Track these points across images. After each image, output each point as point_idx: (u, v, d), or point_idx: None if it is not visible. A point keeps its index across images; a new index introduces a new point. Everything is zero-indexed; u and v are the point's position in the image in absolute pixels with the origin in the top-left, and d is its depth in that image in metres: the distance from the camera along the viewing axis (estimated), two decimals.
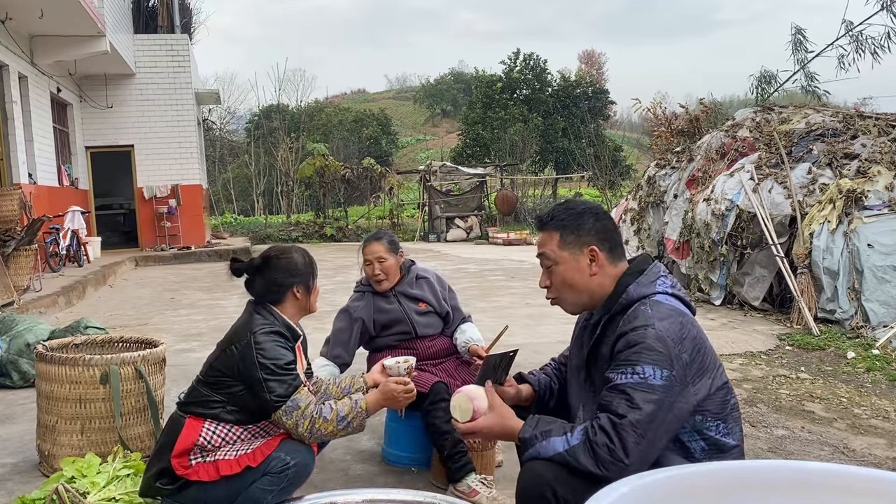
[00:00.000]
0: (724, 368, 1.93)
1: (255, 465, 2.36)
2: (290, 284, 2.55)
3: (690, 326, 1.85)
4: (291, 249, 2.64)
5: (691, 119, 11.40)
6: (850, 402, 4.42)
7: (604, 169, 23.28)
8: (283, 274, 2.55)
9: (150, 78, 15.61)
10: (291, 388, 2.38)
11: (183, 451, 2.40)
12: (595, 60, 62.82)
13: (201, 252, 15.25)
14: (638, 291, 1.91)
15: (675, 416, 1.77)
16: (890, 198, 6.42)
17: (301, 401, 2.38)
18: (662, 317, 1.83)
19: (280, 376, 2.38)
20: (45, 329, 5.03)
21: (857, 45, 11.44)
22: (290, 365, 2.43)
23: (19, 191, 9.12)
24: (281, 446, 2.39)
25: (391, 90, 74.10)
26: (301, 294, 2.57)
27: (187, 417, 2.45)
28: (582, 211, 2.00)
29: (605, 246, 1.97)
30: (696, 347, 1.82)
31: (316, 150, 22.73)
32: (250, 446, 2.41)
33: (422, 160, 38.48)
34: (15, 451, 3.62)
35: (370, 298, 3.40)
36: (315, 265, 2.66)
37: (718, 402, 1.86)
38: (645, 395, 1.73)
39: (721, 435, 1.86)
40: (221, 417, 2.44)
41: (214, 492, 2.38)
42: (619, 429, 1.71)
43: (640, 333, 1.80)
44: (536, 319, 7.07)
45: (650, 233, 9.07)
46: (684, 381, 1.78)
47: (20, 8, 9.97)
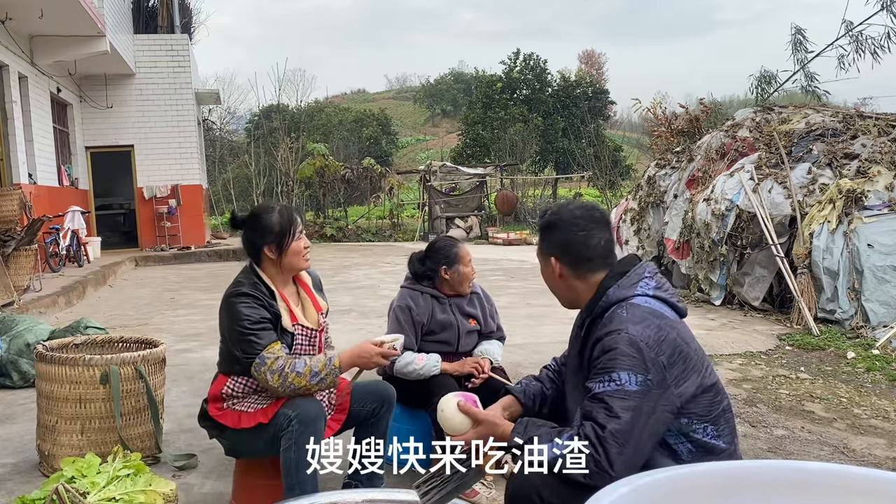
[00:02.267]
0: (713, 370, 1.91)
1: (266, 420, 2.51)
2: (262, 245, 2.61)
3: (669, 329, 1.83)
4: (272, 209, 2.66)
5: (691, 119, 11.39)
6: (850, 402, 4.42)
7: (604, 169, 23.27)
8: (256, 234, 2.63)
9: (150, 78, 15.60)
10: (258, 347, 2.49)
11: (215, 397, 2.64)
12: (595, 60, 62.77)
13: (201, 252, 15.24)
14: (617, 294, 1.91)
15: (658, 419, 1.76)
16: (890, 198, 6.42)
17: (267, 358, 2.48)
18: (637, 320, 1.82)
19: (245, 335, 2.50)
20: (45, 329, 5.03)
21: (857, 45, 11.44)
22: (256, 325, 2.52)
23: (19, 191, 9.12)
24: (287, 403, 2.51)
25: (391, 90, 74.04)
26: (273, 253, 2.62)
27: (219, 374, 2.68)
28: (551, 222, 2.04)
29: (566, 259, 2.01)
30: (677, 350, 1.80)
31: (316, 150, 22.72)
32: (267, 402, 2.57)
33: (422, 160, 38.45)
34: (15, 451, 3.62)
35: (430, 301, 3.27)
36: (294, 223, 2.63)
37: (705, 404, 1.84)
38: (622, 403, 1.73)
39: (710, 437, 1.84)
40: (235, 371, 2.60)
41: (240, 441, 2.60)
42: (601, 440, 1.72)
43: (613, 339, 1.80)
44: (536, 319, 7.07)
45: (650, 233, 9.07)
46: (663, 383, 1.76)
47: (20, 8, 9.97)
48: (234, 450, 2.70)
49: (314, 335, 2.73)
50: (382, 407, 2.79)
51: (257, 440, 2.57)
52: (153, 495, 2.55)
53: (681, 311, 1.96)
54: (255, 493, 2.74)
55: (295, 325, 2.65)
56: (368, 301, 8.32)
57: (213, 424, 2.68)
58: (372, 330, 6.29)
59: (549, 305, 7.95)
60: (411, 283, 3.33)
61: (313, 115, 39.03)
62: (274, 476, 2.53)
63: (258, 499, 2.71)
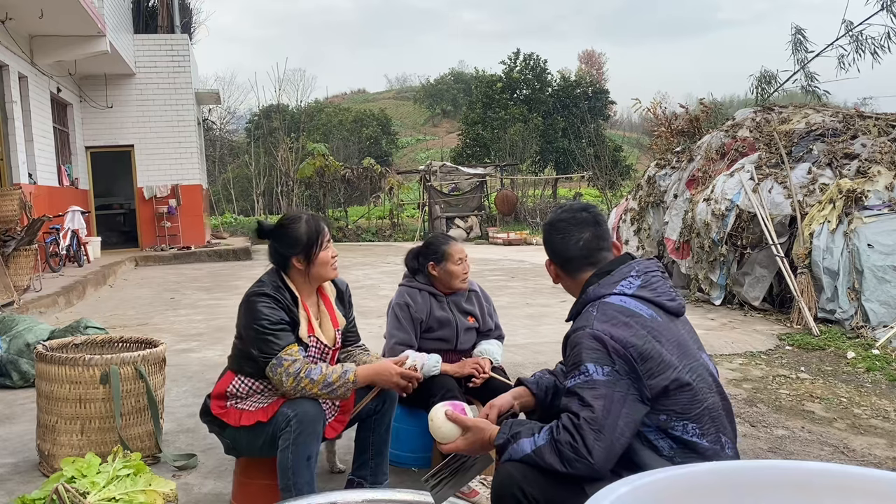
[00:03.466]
0: (698, 368, 1.89)
1: (265, 419, 2.53)
2: (290, 255, 2.64)
3: (639, 327, 1.85)
4: (299, 219, 2.68)
5: (691, 119, 11.37)
6: (850, 402, 4.42)
7: (604, 169, 23.25)
8: (284, 245, 2.65)
9: (150, 78, 15.60)
10: (276, 347, 2.51)
11: (219, 394, 2.67)
12: (595, 60, 62.75)
13: (201, 252, 15.24)
14: (596, 293, 1.96)
15: (631, 409, 1.79)
16: (890, 198, 6.42)
17: (284, 360, 2.50)
18: (605, 318, 1.86)
19: (263, 335, 2.52)
20: (45, 329, 5.03)
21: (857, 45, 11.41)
22: (275, 325, 2.54)
23: (19, 191, 9.12)
24: (287, 402, 2.52)
25: (391, 90, 74.00)
26: (301, 263, 2.64)
27: (227, 370, 2.71)
28: (550, 223, 2.12)
29: (556, 260, 2.10)
30: (646, 348, 1.82)
31: (316, 150, 22.73)
32: (268, 401, 2.59)
33: (422, 160, 38.45)
34: (15, 451, 3.62)
35: (428, 298, 3.26)
36: (322, 233, 2.64)
37: (684, 402, 1.84)
38: (592, 392, 1.78)
39: (690, 436, 1.84)
40: (245, 371, 2.62)
41: (239, 439, 2.62)
42: (578, 427, 1.76)
43: (578, 335, 1.87)
44: (536, 319, 7.07)
45: (650, 233, 9.07)
46: (633, 373, 1.80)
47: (20, 8, 9.97)
48: (233, 448, 2.70)
49: (327, 352, 2.72)
50: (385, 405, 2.78)
51: (256, 439, 2.57)
52: (153, 495, 2.55)
53: (670, 308, 1.96)
54: (255, 493, 2.74)
55: (310, 337, 2.65)
56: (368, 301, 8.32)
57: (213, 421, 2.69)
58: (372, 330, 6.29)
59: (549, 305, 7.95)
60: (409, 281, 3.34)
61: (313, 115, 39.06)
62: (274, 476, 2.53)
63: (258, 499, 2.71)
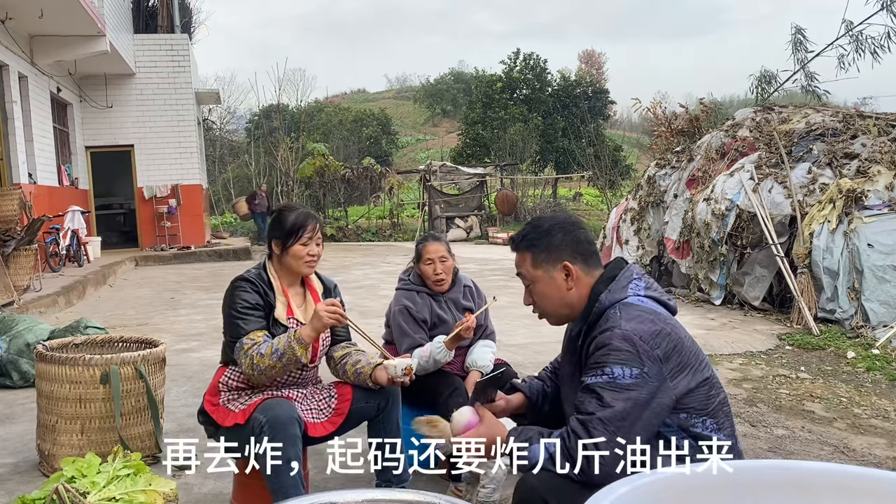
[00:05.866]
0: (708, 364, 1.93)
1: (242, 422, 2.54)
2: (271, 237, 2.72)
3: (664, 324, 1.86)
4: (294, 209, 2.73)
5: (691, 119, 11.38)
6: (850, 401, 4.42)
7: (604, 169, 23.24)
8: (272, 226, 2.73)
9: (149, 78, 15.60)
10: (241, 332, 2.56)
11: (213, 388, 2.69)
12: (595, 60, 62.70)
13: (201, 252, 15.24)
14: (609, 298, 1.93)
15: (654, 412, 1.78)
16: (890, 198, 6.42)
17: (245, 342, 2.55)
18: (631, 318, 1.85)
19: (232, 319, 2.59)
20: (45, 329, 5.03)
21: (857, 45, 11.40)
22: (246, 310, 2.58)
23: (19, 191, 9.11)
24: (260, 407, 2.51)
25: (391, 90, 73.94)
26: (277, 248, 2.69)
27: (220, 363, 2.74)
28: (549, 228, 2.02)
29: (577, 258, 1.99)
30: (672, 344, 1.83)
31: (316, 149, 22.72)
32: (249, 402, 2.60)
33: (422, 160, 38.42)
34: (15, 451, 3.62)
35: (426, 299, 3.26)
36: (303, 228, 2.66)
37: (701, 398, 1.86)
38: (614, 395, 1.75)
39: (710, 431, 1.86)
40: (232, 360, 2.64)
41: (227, 439, 2.55)
42: (588, 427, 1.74)
43: (607, 336, 1.83)
44: (536, 319, 7.05)
45: (650, 233, 9.07)
46: (660, 376, 1.78)
47: (20, 8, 9.97)
48: (226, 448, 2.69)
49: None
50: (387, 404, 2.76)
51: (238, 440, 2.55)
52: (153, 495, 2.54)
53: (671, 308, 1.99)
54: (255, 493, 2.73)
55: (290, 319, 2.67)
56: (368, 301, 8.32)
57: (208, 420, 2.71)
58: (372, 330, 6.26)
59: None
60: (404, 284, 3.35)
61: (313, 115, 39.02)
62: None
63: (258, 499, 2.70)
